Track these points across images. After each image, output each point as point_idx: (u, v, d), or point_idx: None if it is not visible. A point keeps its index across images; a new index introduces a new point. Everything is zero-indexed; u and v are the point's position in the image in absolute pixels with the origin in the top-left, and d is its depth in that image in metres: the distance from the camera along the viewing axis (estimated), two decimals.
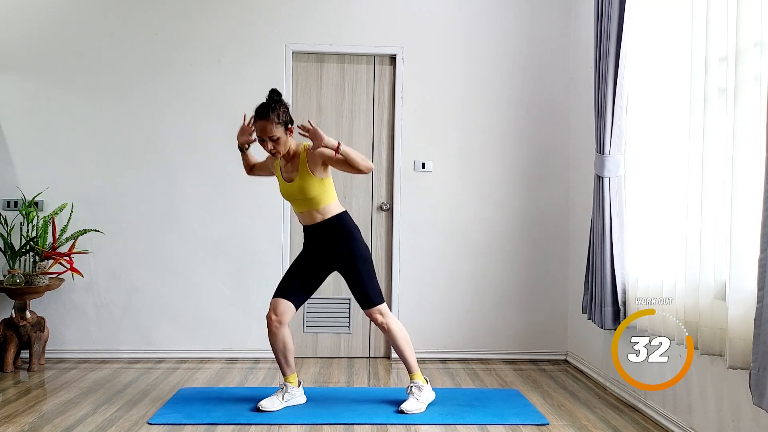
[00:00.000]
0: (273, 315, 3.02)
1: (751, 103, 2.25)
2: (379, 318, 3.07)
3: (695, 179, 2.58)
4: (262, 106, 2.91)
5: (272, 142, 2.90)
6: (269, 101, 2.92)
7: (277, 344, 3.05)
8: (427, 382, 3.16)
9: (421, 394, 3.10)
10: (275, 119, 2.87)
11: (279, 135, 2.89)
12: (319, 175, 2.96)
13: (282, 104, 2.92)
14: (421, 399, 3.09)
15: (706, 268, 2.49)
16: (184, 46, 4.11)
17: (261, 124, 2.89)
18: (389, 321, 3.09)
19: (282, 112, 2.90)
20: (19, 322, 3.71)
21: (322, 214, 3.01)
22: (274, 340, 3.05)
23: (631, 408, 3.17)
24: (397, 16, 4.19)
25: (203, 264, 4.11)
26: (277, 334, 3.03)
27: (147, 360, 4.02)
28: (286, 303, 3.03)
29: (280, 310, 3.02)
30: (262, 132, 2.89)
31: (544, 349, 4.22)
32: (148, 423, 2.85)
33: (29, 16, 4.05)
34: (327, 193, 3.01)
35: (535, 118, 4.24)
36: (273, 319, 3.02)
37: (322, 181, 2.98)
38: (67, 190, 4.03)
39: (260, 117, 2.89)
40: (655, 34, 3.04)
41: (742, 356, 2.24)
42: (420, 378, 3.14)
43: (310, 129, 2.84)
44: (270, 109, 2.88)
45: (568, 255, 4.22)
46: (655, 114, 3.02)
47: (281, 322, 3.02)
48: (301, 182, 2.96)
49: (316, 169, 2.95)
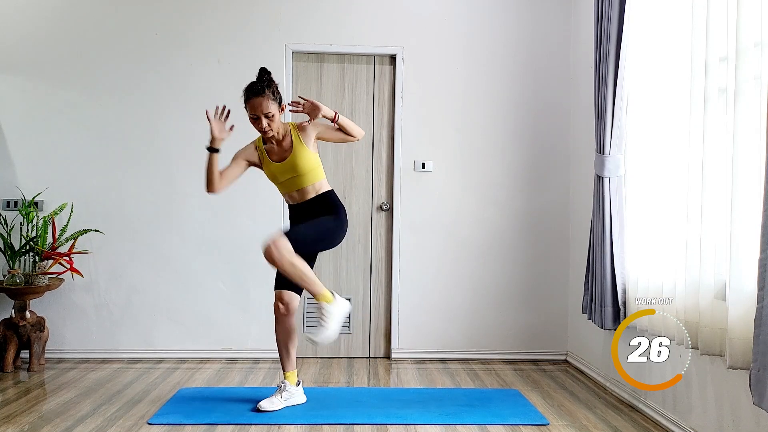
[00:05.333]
0: (280, 304, 3.00)
1: (751, 103, 2.25)
2: (271, 248, 2.79)
3: (695, 179, 2.59)
4: (255, 83, 2.88)
5: (267, 119, 2.86)
6: (260, 78, 2.88)
7: (283, 334, 3.05)
8: (335, 297, 2.91)
9: (328, 317, 2.86)
10: (270, 95, 2.85)
11: (274, 112, 2.88)
12: (312, 149, 2.98)
13: (273, 81, 2.91)
14: (328, 322, 2.85)
15: (706, 268, 2.49)
16: (184, 46, 4.11)
17: (256, 101, 2.84)
18: (280, 256, 2.79)
19: (275, 88, 2.89)
20: (19, 322, 3.71)
21: (315, 190, 3.01)
22: (279, 330, 3.05)
23: (631, 408, 3.17)
24: (397, 16, 4.19)
25: (203, 264, 4.11)
26: (284, 322, 3.03)
27: (147, 360, 4.02)
28: (289, 293, 3.02)
29: (286, 299, 3.01)
30: (257, 109, 2.85)
31: (544, 349, 4.22)
32: (148, 423, 2.85)
33: (29, 16, 4.04)
34: (320, 169, 3.03)
35: (535, 118, 4.24)
36: (281, 308, 3.01)
37: (315, 155, 3.00)
38: (67, 190, 4.03)
39: (254, 93, 2.85)
40: (655, 35, 3.04)
41: (742, 356, 2.24)
42: (327, 299, 2.87)
43: (306, 102, 2.85)
44: (264, 85, 2.85)
45: (568, 255, 4.22)
46: (655, 114, 3.02)
47: (289, 311, 3.02)
48: (296, 158, 2.94)
49: (310, 143, 2.97)
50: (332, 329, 2.88)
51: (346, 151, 4.18)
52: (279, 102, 2.92)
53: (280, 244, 2.81)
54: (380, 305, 4.24)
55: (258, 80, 2.89)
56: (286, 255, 2.81)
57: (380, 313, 4.23)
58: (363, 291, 4.23)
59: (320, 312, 2.89)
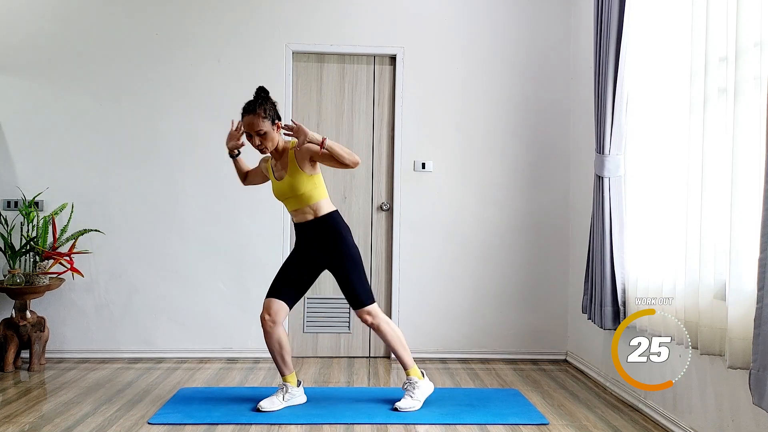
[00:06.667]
0: (266, 315, 3.03)
1: (751, 103, 2.25)
2: (369, 319, 3.06)
3: (695, 179, 2.59)
4: (249, 102, 2.96)
5: (259, 137, 2.93)
6: (256, 97, 2.96)
7: (273, 344, 3.06)
8: (423, 377, 3.16)
9: (416, 391, 3.10)
10: (262, 113, 2.91)
11: (266, 130, 2.92)
12: (308, 172, 2.98)
13: (268, 100, 2.97)
14: (416, 396, 3.09)
15: (706, 268, 2.49)
16: (184, 46, 4.11)
17: (248, 119, 2.93)
18: (379, 321, 3.07)
19: (269, 107, 2.94)
20: (19, 322, 3.71)
21: (313, 211, 3.02)
22: (269, 341, 3.06)
23: (631, 408, 3.17)
24: (397, 16, 4.19)
25: (203, 264, 4.11)
26: (272, 333, 3.04)
27: (147, 360, 4.02)
28: (279, 303, 3.04)
29: (274, 310, 3.03)
30: (249, 127, 2.93)
31: (544, 349, 4.22)
32: (148, 423, 2.85)
33: (29, 16, 4.05)
34: (317, 190, 3.02)
35: (535, 118, 4.24)
36: (267, 319, 3.03)
37: (311, 177, 2.99)
38: (67, 190, 4.03)
39: (247, 112, 2.94)
40: (655, 34, 3.04)
41: (742, 356, 2.24)
42: (416, 374, 3.14)
43: (293, 126, 2.87)
44: (257, 104, 2.93)
45: (568, 255, 4.22)
46: (655, 114, 3.02)
47: (275, 322, 3.03)
48: (290, 179, 2.97)
49: (305, 166, 2.97)
50: (418, 403, 3.09)
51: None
52: (273, 120, 2.96)
53: (371, 311, 3.06)
54: (380, 305, 4.21)
55: (253, 99, 2.96)
56: (380, 316, 3.10)
57: None
58: None
59: (408, 384, 3.12)
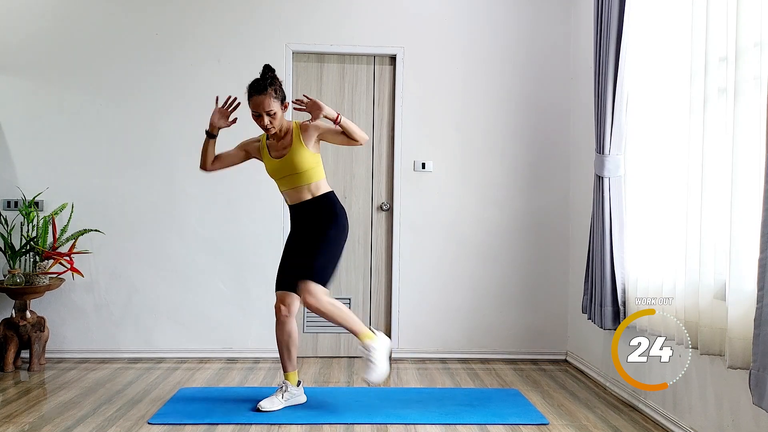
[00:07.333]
0: (282, 306, 3.01)
1: (751, 103, 2.25)
2: (307, 297, 2.88)
3: (695, 179, 2.59)
4: (258, 81, 2.91)
5: (269, 116, 2.90)
6: (264, 76, 2.92)
7: (283, 336, 3.04)
8: (375, 333, 3.01)
9: (375, 354, 2.95)
10: (272, 93, 2.88)
11: (276, 110, 2.90)
12: (312, 150, 2.97)
13: (277, 79, 2.94)
14: (377, 359, 2.94)
15: (706, 268, 2.49)
16: (184, 46, 4.11)
17: (258, 99, 2.88)
18: (318, 303, 2.88)
19: (278, 86, 2.92)
20: (19, 322, 3.71)
21: (311, 191, 3.00)
22: (280, 332, 3.04)
23: (631, 408, 3.17)
24: (397, 16, 4.19)
25: (203, 264, 4.11)
26: (285, 324, 3.03)
27: (147, 360, 4.02)
28: (291, 294, 3.02)
29: (288, 301, 3.01)
30: (259, 107, 2.88)
31: (544, 349, 4.22)
32: (148, 423, 2.85)
33: (29, 16, 4.04)
34: (318, 169, 3.02)
35: (535, 118, 4.24)
36: (282, 310, 3.00)
37: (314, 155, 2.99)
38: (67, 190, 4.03)
39: (257, 91, 2.88)
40: (655, 34, 3.04)
41: (742, 356, 2.24)
42: (369, 336, 2.99)
43: (308, 101, 2.86)
44: (267, 83, 2.89)
45: (568, 255, 4.22)
46: (655, 114, 3.02)
47: (290, 313, 3.02)
48: (292, 156, 2.95)
49: (310, 143, 2.97)
50: (382, 365, 2.96)
51: (346, 151, 4.18)
52: (281, 100, 2.94)
53: (313, 290, 2.89)
54: (380, 305, 4.24)
55: (261, 78, 2.92)
56: (324, 298, 2.91)
57: (380, 313, 4.24)
58: (363, 291, 4.23)
59: (365, 351, 2.97)
